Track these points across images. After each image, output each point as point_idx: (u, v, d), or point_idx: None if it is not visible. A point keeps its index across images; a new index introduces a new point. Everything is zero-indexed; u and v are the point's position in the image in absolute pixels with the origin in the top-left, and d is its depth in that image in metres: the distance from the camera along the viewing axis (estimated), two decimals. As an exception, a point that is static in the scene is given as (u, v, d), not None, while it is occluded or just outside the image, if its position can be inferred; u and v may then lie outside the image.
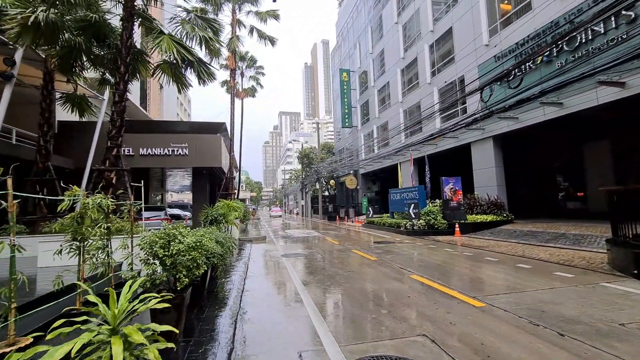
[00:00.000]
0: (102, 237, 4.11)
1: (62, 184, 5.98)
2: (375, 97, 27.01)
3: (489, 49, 14.84)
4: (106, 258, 4.16)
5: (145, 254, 3.46)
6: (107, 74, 10.01)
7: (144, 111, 20.60)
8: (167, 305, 2.25)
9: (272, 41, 18.50)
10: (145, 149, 13.15)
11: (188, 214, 21.76)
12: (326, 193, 39.84)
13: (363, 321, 4.03)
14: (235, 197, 30.76)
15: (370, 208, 20.44)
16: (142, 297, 2.26)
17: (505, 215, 14.04)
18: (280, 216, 47.64)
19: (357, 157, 29.82)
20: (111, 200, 4.17)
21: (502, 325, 3.66)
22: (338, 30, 38.49)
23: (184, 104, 47.26)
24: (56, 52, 7.20)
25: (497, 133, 14.43)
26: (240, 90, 31.67)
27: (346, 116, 31.43)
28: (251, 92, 31.60)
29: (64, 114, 12.22)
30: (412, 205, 14.80)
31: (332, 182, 38.04)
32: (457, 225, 13.13)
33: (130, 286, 2.30)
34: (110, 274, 4.29)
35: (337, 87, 36.62)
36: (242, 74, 31.75)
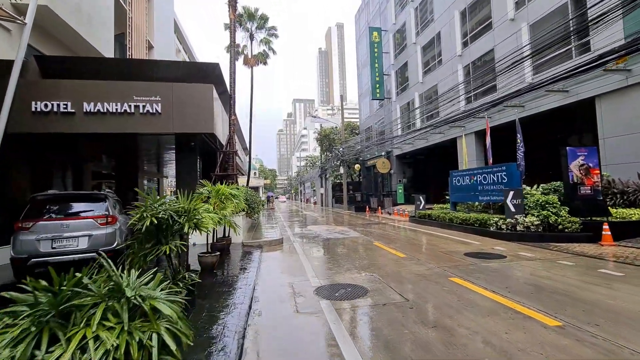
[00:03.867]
0: None
1: None
2: (417, 56, 21.27)
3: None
4: None
5: None
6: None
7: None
8: None
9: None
10: (91, 103, 8.33)
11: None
12: (348, 180, 34.67)
13: None
14: (245, 183, 26.04)
15: (421, 198, 15.17)
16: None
17: (674, 209, 8.53)
18: (285, 201, 72.02)
19: (390, 134, 24.35)
20: None
21: None
22: (364, -13, 32.37)
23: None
24: None
25: (660, 74, 8.76)
26: (250, 56, 26.70)
27: (377, 86, 25.82)
28: (262, 57, 26.44)
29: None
30: (511, 193, 9.44)
31: (356, 166, 32.76)
32: (605, 227, 7.73)
33: None
34: None
35: (364, 52, 30.85)
36: (251, 37, 26.60)
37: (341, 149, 29.79)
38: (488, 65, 14.90)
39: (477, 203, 13.58)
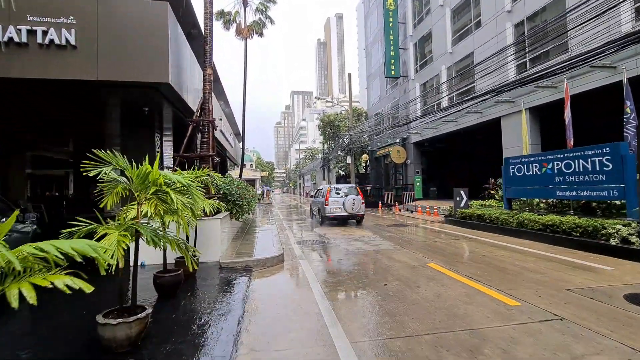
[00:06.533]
0: None
1: None
2: (446, 21, 17.57)
3: None
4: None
5: None
6: None
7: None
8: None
9: None
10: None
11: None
12: (355, 171, 31.11)
13: None
14: (236, 174, 22.27)
15: (462, 192, 11.68)
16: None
17: None
18: (278, 194, 77.17)
19: (407, 118, 20.73)
20: None
21: None
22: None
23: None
24: None
25: None
26: (243, 26, 22.88)
27: (392, 61, 22.09)
28: (258, 27, 22.63)
29: None
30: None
31: (364, 156, 29.24)
32: None
33: None
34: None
35: (374, 27, 27.08)
36: (244, 2, 22.84)
37: (348, 136, 26.14)
38: (554, 17, 11.26)
39: (537, 200, 10.25)
